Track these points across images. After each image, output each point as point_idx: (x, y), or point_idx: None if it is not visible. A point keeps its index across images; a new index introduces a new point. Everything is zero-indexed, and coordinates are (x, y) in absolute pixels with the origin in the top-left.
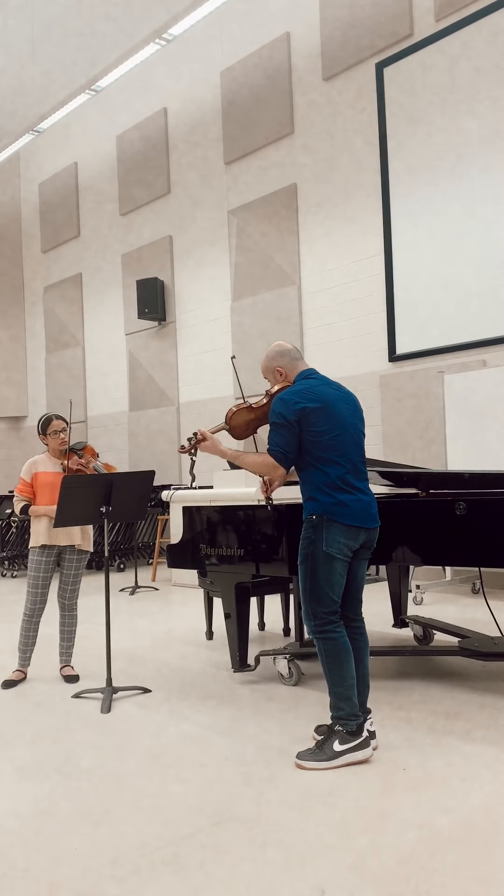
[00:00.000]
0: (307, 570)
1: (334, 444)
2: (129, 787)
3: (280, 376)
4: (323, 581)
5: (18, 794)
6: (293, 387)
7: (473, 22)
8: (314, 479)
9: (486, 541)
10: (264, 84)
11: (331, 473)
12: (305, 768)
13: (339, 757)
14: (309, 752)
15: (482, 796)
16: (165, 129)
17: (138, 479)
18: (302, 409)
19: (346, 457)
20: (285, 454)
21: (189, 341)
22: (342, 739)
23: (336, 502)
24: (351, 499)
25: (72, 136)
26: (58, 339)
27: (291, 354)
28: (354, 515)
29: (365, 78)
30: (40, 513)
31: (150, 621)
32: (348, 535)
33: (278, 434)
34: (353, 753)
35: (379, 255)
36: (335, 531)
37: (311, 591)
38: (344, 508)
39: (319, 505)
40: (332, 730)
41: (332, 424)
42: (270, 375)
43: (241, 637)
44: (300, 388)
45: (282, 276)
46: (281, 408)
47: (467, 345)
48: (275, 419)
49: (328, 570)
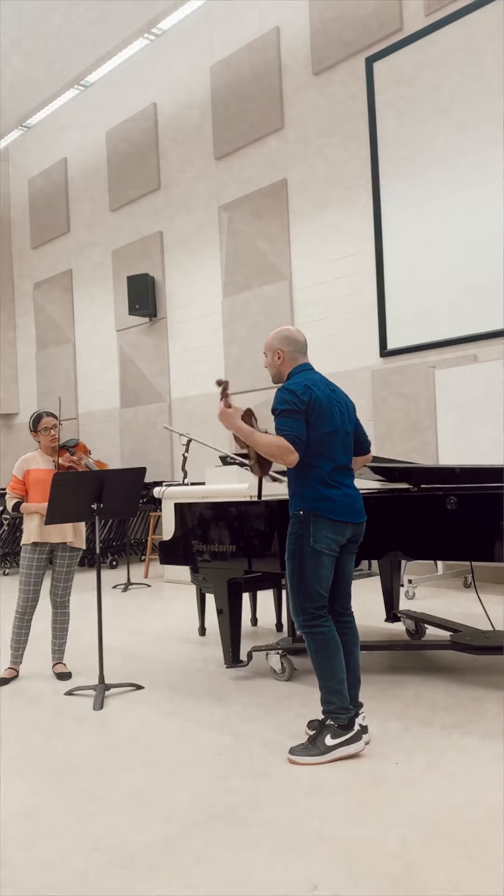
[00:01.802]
0: (294, 565)
1: (328, 441)
2: (122, 783)
3: (277, 359)
4: (311, 576)
5: (11, 791)
6: (298, 378)
7: (463, 16)
8: (302, 473)
9: (477, 535)
10: (254, 79)
11: (321, 468)
12: (298, 763)
13: (332, 751)
14: (301, 747)
15: (474, 790)
16: (155, 124)
17: (130, 475)
18: (311, 400)
19: (334, 455)
20: (300, 439)
21: (180, 337)
22: (334, 734)
23: (322, 497)
24: (337, 494)
25: (61, 132)
26: (48, 335)
27: (298, 346)
28: (341, 510)
29: (355, 73)
30: (32, 510)
31: (142, 618)
32: (335, 530)
33: (290, 420)
34: (346, 747)
35: (370, 250)
36: (322, 526)
37: (299, 586)
38: (330, 504)
39: (306, 500)
40: (323, 724)
41: (327, 421)
42: (269, 353)
43: (233, 633)
44: (306, 380)
45: (273, 272)
46: (290, 396)
47: (458, 340)
48: (285, 406)
49: (316, 565)
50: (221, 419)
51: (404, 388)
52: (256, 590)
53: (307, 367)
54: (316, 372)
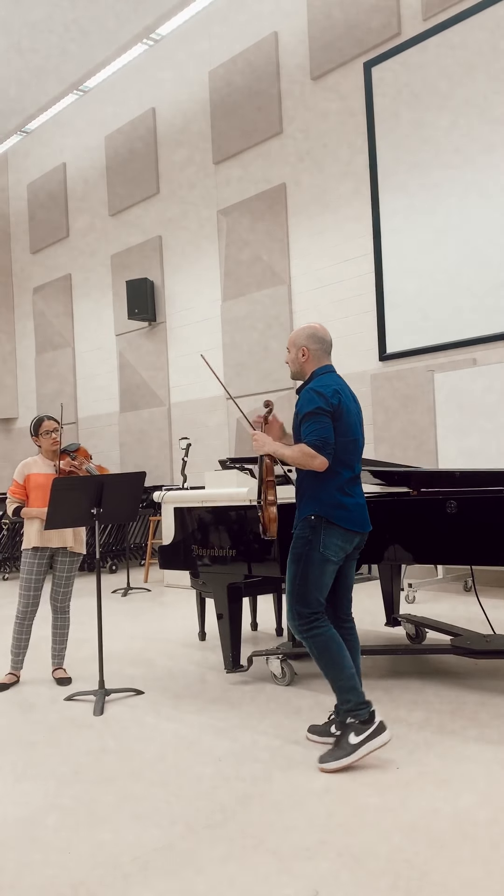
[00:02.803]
0: (298, 569)
1: (350, 448)
2: (123, 789)
3: (302, 356)
4: (312, 583)
5: (11, 797)
6: (325, 380)
7: (461, 21)
8: (321, 477)
9: (477, 539)
10: (253, 84)
11: (342, 475)
12: (328, 770)
13: (358, 749)
14: (328, 753)
15: (476, 794)
16: (154, 129)
17: (129, 480)
18: (339, 405)
19: (353, 464)
20: (325, 442)
21: (179, 341)
22: (357, 731)
23: (339, 505)
24: (352, 503)
25: (60, 137)
26: (48, 340)
27: (324, 345)
28: (354, 520)
29: (353, 77)
30: (32, 515)
31: (142, 623)
32: (345, 538)
33: (315, 423)
34: (371, 742)
35: (368, 253)
36: (333, 533)
37: (299, 591)
38: (345, 512)
39: (322, 506)
40: (344, 724)
41: (350, 429)
42: (294, 349)
43: (233, 637)
44: (335, 384)
45: (272, 276)
46: (318, 398)
47: (457, 343)
48: (311, 409)
49: (320, 572)
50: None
51: (404, 392)
52: (256, 594)
53: (331, 368)
54: (339, 375)
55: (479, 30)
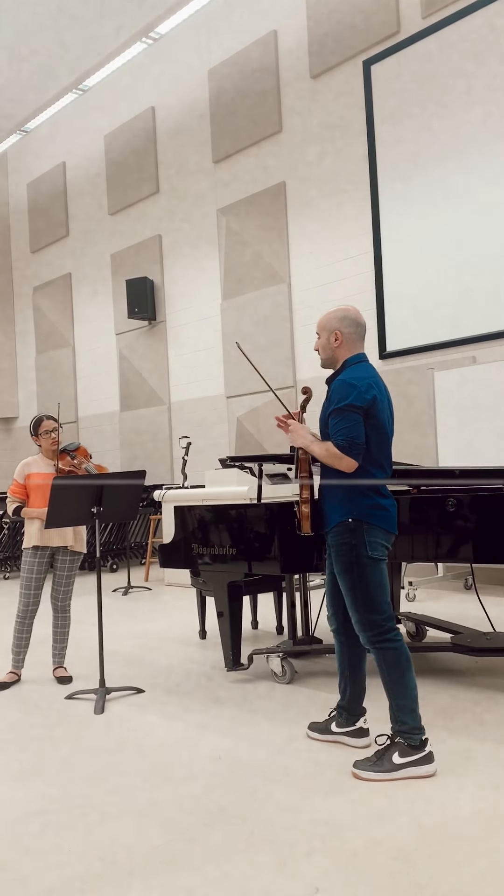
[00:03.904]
0: (354, 578)
1: (384, 447)
2: (123, 787)
3: (334, 341)
4: (374, 586)
5: (11, 796)
6: (359, 372)
7: (460, 19)
8: (358, 480)
9: (477, 536)
10: (252, 82)
11: (376, 476)
12: (363, 779)
13: (400, 770)
14: (368, 762)
15: (475, 792)
16: (153, 128)
17: (129, 479)
18: (374, 399)
19: (387, 463)
20: (352, 442)
21: (180, 341)
22: (402, 752)
23: (377, 506)
24: (389, 503)
25: (59, 136)
26: (48, 339)
27: (359, 329)
28: (392, 521)
29: (352, 75)
30: (33, 515)
31: (142, 621)
32: (387, 539)
33: (344, 420)
34: (414, 768)
35: (368, 252)
36: (376, 533)
37: (364, 599)
38: (384, 513)
39: (358, 509)
40: (392, 741)
41: (384, 425)
42: (325, 334)
43: (234, 636)
44: (369, 377)
45: (272, 275)
46: (349, 392)
47: (457, 341)
48: (340, 405)
49: (377, 574)
50: (295, 433)
51: (403, 390)
52: (257, 593)
53: (364, 357)
54: (372, 366)
55: (479, 28)
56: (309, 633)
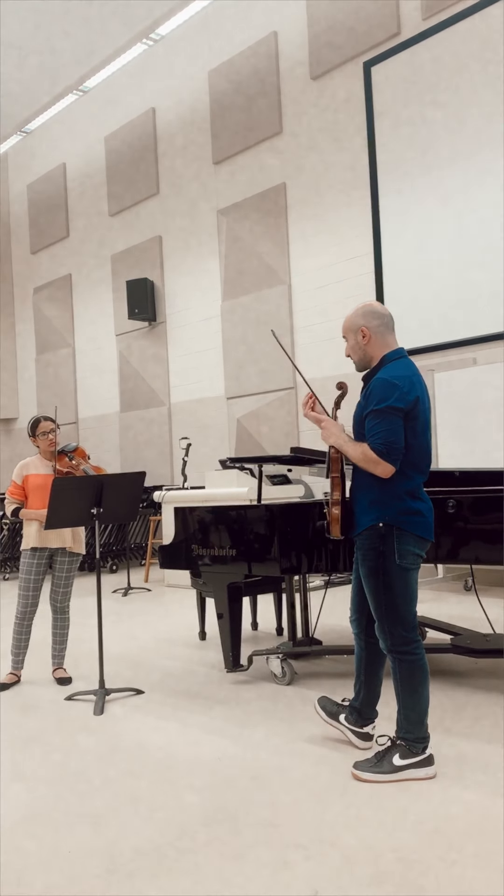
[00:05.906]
0: (379, 585)
1: (424, 448)
2: (123, 788)
3: (363, 339)
4: (400, 596)
5: (11, 797)
6: (400, 369)
7: (461, 20)
8: (392, 483)
9: (477, 538)
10: (252, 84)
11: (414, 479)
12: (363, 780)
13: (400, 772)
14: (368, 763)
15: (475, 793)
16: (154, 129)
17: (129, 480)
18: (415, 399)
19: (424, 465)
20: (390, 447)
21: (180, 341)
22: (403, 754)
23: (411, 510)
24: (425, 508)
25: (60, 137)
26: (48, 340)
27: (384, 320)
28: (428, 527)
29: (353, 77)
30: (31, 517)
31: (142, 622)
32: (420, 546)
33: (383, 422)
34: (414, 770)
35: (368, 253)
36: (407, 541)
37: (388, 610)
38: (419, 518)
39: (390, 513)
40: (394, 743)
41: (424, 427)
42: (351, 335)
43: (233, 637)
44: (412, 375)
45: (272, 276)
46: (388, 392)
47: (457, 343)
48: (380, 406)
49: (404, 584)
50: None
51: None
52: (257, 594)
53: (403, 352)
54: (412, 361)
55: (479, 29)
56: (309, 634)
